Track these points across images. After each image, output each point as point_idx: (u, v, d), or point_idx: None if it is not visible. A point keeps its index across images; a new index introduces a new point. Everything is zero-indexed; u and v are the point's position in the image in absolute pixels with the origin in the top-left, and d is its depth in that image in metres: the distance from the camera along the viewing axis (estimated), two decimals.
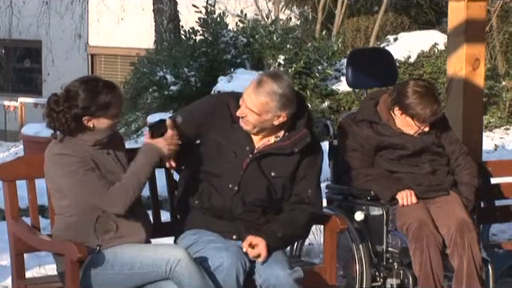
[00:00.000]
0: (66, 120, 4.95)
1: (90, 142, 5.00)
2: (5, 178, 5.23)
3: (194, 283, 4.79)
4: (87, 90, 4.99)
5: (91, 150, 5.01)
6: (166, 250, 4.93)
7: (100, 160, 5.01)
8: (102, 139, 5.02)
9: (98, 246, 4.92)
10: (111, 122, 5.03)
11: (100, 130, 5.02)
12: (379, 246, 5.73)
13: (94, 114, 4.96)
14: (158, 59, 19.08)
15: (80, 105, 4.94)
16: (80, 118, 4.95)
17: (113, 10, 26.74)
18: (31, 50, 30.14)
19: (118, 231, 4.97)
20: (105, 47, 27.66)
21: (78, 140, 5.00)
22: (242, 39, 18.35)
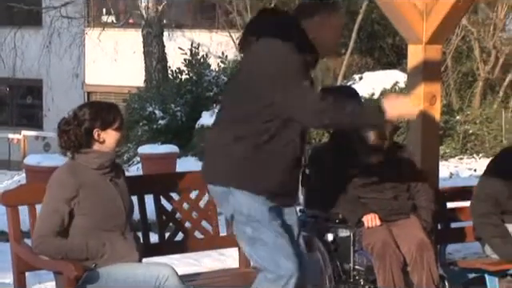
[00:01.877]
0: (76, 136, 5.01)
1: (94, 165, 5.00)
2: (8, 204, 5.21)
3: None
4: (93, 107, 5.11)
5: (95, 173, 5.00)
6: (156, 267, 4.91)
7: (101, 185, 5.00)
8: (105, 162, 5.03)
9: (94, 264, 4.90)
10: (118, 136, 5.06)
11: (105, 148, 5.03)
12: (347, 264, 5.72)
13: (102, 126, 5.00)
14: (147, 96, 19.08)
15: (88, 118, 4.99)
16: (91, 131, 4.99)
17: (107, 52, 26.72)
18: (33, 87, 30.06)
19: (112, 253, 4.93)
20: (100, 85, 27.61)
21: (83, 164, 5.01)
22: (224, 78, 18.37)
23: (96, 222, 4.95)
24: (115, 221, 5.00)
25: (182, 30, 24.88)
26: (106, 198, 4.99)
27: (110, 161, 5.06)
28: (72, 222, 4.97)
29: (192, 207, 5.85)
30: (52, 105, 28.07)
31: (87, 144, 5.03)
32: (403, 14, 6.70)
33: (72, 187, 4.94)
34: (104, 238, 4.94)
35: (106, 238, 4.94)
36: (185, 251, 5.90)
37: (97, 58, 27.86)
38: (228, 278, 5.75)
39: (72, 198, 4.93)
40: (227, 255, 6.85)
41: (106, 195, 4.99)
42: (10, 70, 28.71)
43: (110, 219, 4.98)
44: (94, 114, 5.03)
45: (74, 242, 4.93)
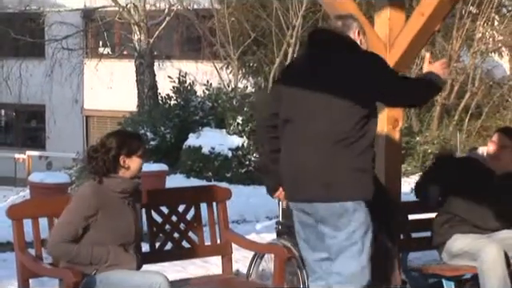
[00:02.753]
0: (103, 162, 5.04)
1: (118, 189, 5.03)
2: (14, 217, 5.20)
3: None
4: (119, 135, 5.18)
5: (116, 197, 5.03)
6: (150, 275, 4.92)
7: (120, 208, 5.04)
8: (128, 188, 5.07)
9: (94, 270, 4.92)
10: (141, 162, 5.11)
11: (130, 174, 5.07)
12: None
13: (127, 153, 5.05)
14: (139, 120, 19.05)
15: (115, 145, 5.03)
16: (117, 158, 5.03)
17: (104, 80, 26.69)
18: (37, 112, 29.98)
19: (113, 261, 4.95)
20: (97, 110, 27.56)
21: (108, 187, 5.03)
22: (208, 103, 18.37)
23: (107, 238, 4.99)
24: (124, 240, 5.04)
25: (171, 61, 24.88)
26: (122, 221, 5.03)
27: (132, 188, 5.09)
28: (86, 232, 5.00)
29: (180, 219, 5.83)
30: (54, 127, 28.01)
31: (114, 169, 5.05)
32: (369, 46, 6.72)
33: (92, 207, 4.98)
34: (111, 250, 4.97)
35: (113, 250, 4.98)
36: (173, 259, 5.90)
37: (94, 85, 27.83)
38: (212, 283, 5.74)
39: (90, 216, 4.98)
40: (211, 263, 6.83)
41: (122, 218, 5.04)
42: (16, 97, 28.66)
43: (120, 238, 5.03)
44: (120, 142, 5.07)
45: (81, 248, 4.95)
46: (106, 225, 4.98)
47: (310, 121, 4.75)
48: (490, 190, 6.17)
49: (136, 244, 5.17)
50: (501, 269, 5.85)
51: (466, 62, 20.85)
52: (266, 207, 11.54)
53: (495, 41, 21.45)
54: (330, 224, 4.74)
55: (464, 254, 6.07)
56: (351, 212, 4.69)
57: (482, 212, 6.17)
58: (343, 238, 4.73)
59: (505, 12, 21.89)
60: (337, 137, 4.65)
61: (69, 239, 4.97)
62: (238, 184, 15.06)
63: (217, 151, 16.89)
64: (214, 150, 16.87)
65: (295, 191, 4.83)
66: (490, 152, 6.30)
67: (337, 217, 4.70)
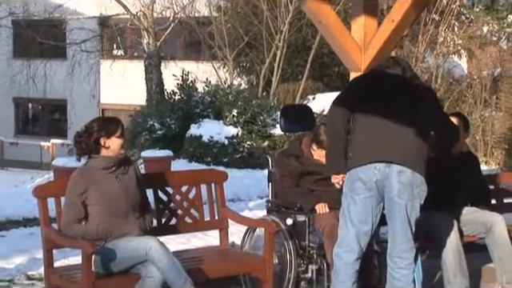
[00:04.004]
0: (86, 145, 5.08)
1: (100, 167, 5.04)
2: (39, 196, 5.20)
3: (163, 261, 4.80)
4: (99, 121, 5.21)
5: (103, 173, 5.05)
6: (144, 240, 4.95)
7: (107, 182, 5.04)
8: (109, 164, 5.07)
9: (103, 243, 4.96)
10: (120, 141, 5.10)
11: (105, 157, 5.06)
12: (303, 242, 5.71)
13: (107, 134, 5.05)
14: (148, 112, 19.02)
15: (96, 129, 5.06)
16: (98, 140, 5.05)
17: (117, 78, 26.66)
18: (59, 106, 29.95)
19: (117, 231, 4.99)
20: (111, 104, 27.54)
21: (93, 166, 5.06)
22: (208, 98, 18.34)
23: (102, 209, 5.01)
24: (117, 208, 5.04)
25: (175, 61, 24.84)
26: (109, 192, 5.04)
27: (112, 163, 5.09)
28: (88, 210, 5.02)
29: (183, 198, 5.83)
30: (74, 119, 27.90)
31: (96, 150, 5.08)
32: (346, 49, 6.70)
33: (81, 185, 5.03)
34: (111, 222, 4.99)
35: (113, 221, 5.00)
36: (177, 233, 5.89)
37: (109, 82, 27.82)
38: (210, 253, 5.74)
39: (82, 193, 5.01)
40: (210, 236, 6.82)
41: (109, 189, 5.04)
42: (42, 92, 28.66)
43: (112, 207, 5.03)
44: (100, 126, 5.12)
45: (88, 227, 5.00)
46: (97, 198, 5.02)
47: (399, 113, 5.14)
48: (448, 171, 6.17)
49: (138, 211, 5.16)
50: (455, 241, 5.86)
51: (429, 62, 20.84)
52: (257, 188, 11.54)
53: (455, 44, 21.47)
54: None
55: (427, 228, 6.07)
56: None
57: (441, 191, 6.18)
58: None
59: (463, 19, 21.90)
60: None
61: (75, 218, 5.04)
62: (233, 168, 15.04)
63: (215, 139, 16.88)
64: (212, 139, 16.86)
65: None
66: None
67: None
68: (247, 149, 17.00)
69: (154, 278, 4.78)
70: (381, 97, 5.03)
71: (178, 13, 24.18)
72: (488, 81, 18.79)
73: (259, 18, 21.50)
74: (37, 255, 6.34)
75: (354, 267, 4.95)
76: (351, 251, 4.96)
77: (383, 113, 4.97)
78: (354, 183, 4.91)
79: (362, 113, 5.02)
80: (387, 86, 5.10)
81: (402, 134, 4.96)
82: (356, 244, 4.96)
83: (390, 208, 4.96)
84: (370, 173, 4.88)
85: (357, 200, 4.92)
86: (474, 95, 18.80)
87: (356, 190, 4.91)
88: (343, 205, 5.02)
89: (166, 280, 4.80)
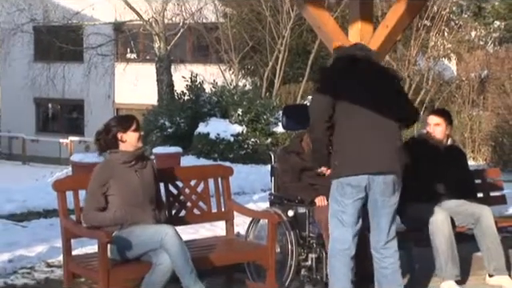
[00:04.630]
0: (105, 141, 5.13)
1: (120, 161, 5.07)
2: (58, 189, 5.20)
3: (175, 249, 4.79)
4: (115, 118, 5.27)
5: (122, 167, 5.07)
6: (160, 227, 4.96)
7: (126, 175, 5.07)
8: (127, 159, 5.10)
9: (118, 228, 4.98)
10: (136, 135, 5.12)
11: (126, 151, 5.09)
12: (304, 232, 5.70)
13: (123, 129, 5.09)
14: (159, 111, 19.03)
15: (112, 125, 5.11)
16: (116, 135, 5.08)
17: (130, 80, 26.67)
18: (77, 105, 29.98)
19: (133, 219, 5.00)
20: (125, 103, 27.56)
21: (113, 160, 5.08)
22: (215, 98, 18.34)
23: (121, 199, 5.03)
24: (135, 198, 5.06)
25: (185, 64, 24.82)
26: (128, 184, 5.05)
27: (131, 158, 5.11)
28: (108, 200, 5.05)
29: (192, 192, 5.83)
30: (91, 118, 28.00)
31: (115, 145, 5.10)
32: None
33: (103, 178, 5.05)
34: (129, 210, 5.02)
35: (131, 210, 5.02)
36: (186, 224, 5.88)
37: (123, 84, 27.83)
38: (217, 242, 5.74)
39: (103, 184, 5.02)
40: (217, 226, 6.83)
41: (128, 181, 5.06)
42: (60, 93, 28.70)
43: (131, 197, 5.05)
44: (116, 123, 5.16)
45: (106, 214, 5.02)
46: (117, 189, 5.04)
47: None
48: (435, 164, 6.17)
49: (154, 203, 5.17)
50: (447, 229, 5.86)
51: (421, 65, 20.84)
52: (261, 182, 11.54)
53: (445, 48, 21.46)
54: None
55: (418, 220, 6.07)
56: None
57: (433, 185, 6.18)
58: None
59: (453, 25, 21.89)
60: None
61: (95, 207, 5.05)
62: (238, 163, 15.04)
63: (221, 137, 16.88)
64: (219, 136, 16.86)
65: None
66: (428, 131, 6.29)
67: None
68: (251, 146, 17.01)
69: (165, 265, 4.79)
70: (359, 91, 4.87)
71: (187, 19, 24.20)
72: (476, 82, 18.78)
73: (263, 24, 21.50)
74: (56, 244, 6.35)
75: (350, 265, 4.91)
76: (347, 249, 4.91)
77: (364, 114, 4.84)
78: (345, 188, 4.85)
79: (343, 113, 4.85)
80: (361, 75, 4.95)
81: (388, 137, 4.88)
82: (351, 243, 4.91)
83: (375, 206, 4.95)
84: (360, 179, 4.84)
85: (348, 204, 4.87)
86: (463, 96, 18.80)
87: (346, 195, 4.86)
88: (333, 209, 4.95)
89: (174, 268, 4.79)
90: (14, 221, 8.61)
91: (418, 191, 6.07)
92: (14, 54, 28.40)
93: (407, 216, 6.13)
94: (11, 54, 28.40)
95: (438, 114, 6.35)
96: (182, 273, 4.79)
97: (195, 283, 4.80)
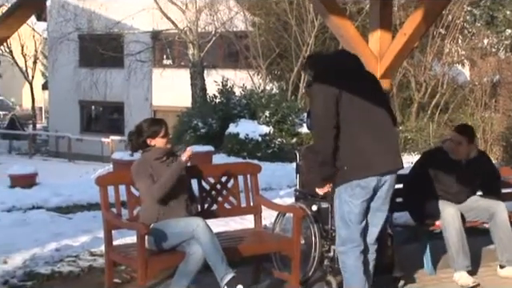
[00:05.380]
0: (137, 143, 5.16)
1: (152, 158, 5.09)
2: (101, 184, 5.22)
3: (206, 239, 4.80)
4: (146, 123, 5.24)
5: (156, 162, 5.08)
6: (192, 220, 4.96)
7: (158, 169, 5.06)
8: (159, 155, 5.11)
9: (155, 220, 4.99)
10: (164, 141, 5.14)
11: (158, 148, 5.13)
12: (326, 225, 5.65)
13: (151, 136, 5.12)
14: (193, 113, 19.09)
15: (142, 131, 5.15)
16: (145, 140, 5.12)
17: (166, 84, 26.81)
18: (117, 107, 30.17)
19: (169, 212, 5.02)
20: (162, 106, 27.68)
21: (147, 157, 5.11)
22: (244, 101, 18.36)
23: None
24: (170, 191, 5.04)
25: (216, 69, 24.88)
26: (159, 177, 5.05)
27: (162, 154, 5.16)
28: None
29: (222, 187, 5.82)
30: (130, 118, 28.10)
31: (145, 147, 5.17)
32: (364, 58, 6.65)
33: (145, 169, 5.07)
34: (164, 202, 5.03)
35: (164, 203, 5.03)
36: (218, 217, 5.88)
37: (159, 87, 27.95)
38: (246, 234, 5.73)
39: (150, 174, 5.04)
40: (246, 220, 6.81)
41: (161, 176, 5.04)
42: (103, 96, 28.94)
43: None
44: (146, 128, 5.17)
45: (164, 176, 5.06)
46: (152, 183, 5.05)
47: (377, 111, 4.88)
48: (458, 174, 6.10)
49: (185, 196, 5.17)
50: (458, 223, 5.81)
51: (436, 70, 20.68)
52: (287, 179, 11.51)
53: (459, 54, 21.29)
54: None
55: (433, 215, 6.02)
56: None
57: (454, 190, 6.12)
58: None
59: (466, 33, 21.71)
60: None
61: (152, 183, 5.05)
62: (265, 161, 15.03)
63: (250, 136, 16.89)
64: (248, 136, 16.87)
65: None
66: (451, 148, 6.20)
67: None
68: (278, 145, 17.00)
69: (197, 255, 4.79)
70: (357, 95, 4.69)
71: (218, 28, 24.24)
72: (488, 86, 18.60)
73: (288, 32, 21.47)
74: (98, 235, 6.39)
75: (361, 259, 4.80)
76: (357, 246, 4.79)
77: (370, 116, 4.68)
78: (354, 189, 4.67)
79: (346, 118, 4.64)
80: (355, 81, 4.76)
81: (390, 135, 4.77)
82: (360, 239, 4.79)
83: (377, 204, 4.80)
84: (369, 180, 4.67)
85: (356, 205, 4.70)
86: (476, 99, 18.63)
87: (356, 196, 4.68)
88: (342, 210, 4.75)
89: (206, 257, 4.80)
90: (60, 213, 8.68)
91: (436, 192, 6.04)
92: (60, 60, 28.66)
93: (421, 212, 6.08)
94: (58, 61, 28.67)
95: (461, 133, 6.17)
96: (213, 261, 4.80)
97: (226, 270, 4.79)
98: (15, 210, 9.01)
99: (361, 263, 4.79)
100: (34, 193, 10.17)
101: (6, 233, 7.12)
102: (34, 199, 9.67)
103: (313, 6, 18.16)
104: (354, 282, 4.79)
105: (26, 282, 5.65)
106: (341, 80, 4.68)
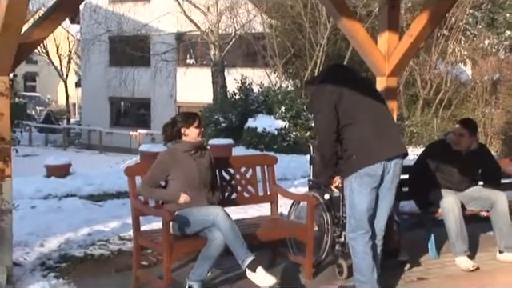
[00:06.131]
0: (171, 133, 5.16)
1: (182, 150, 5.10)
2: (129, 174, 5.23)
3: (225, 227, 4.78)
4: (181, 114, 5.26)
5: (184, 155, 5.09)
6: (212, 209, 4.93)
7: (186, 162, 5.08)
8: (188, 148, 5.11)
9: (179, 208, 5.00)
10: (197, 131, 5.14)
11: (188, 141, 5.12)
12: (338, 213, 5.64)
13: (186, 125, 5.11)
14: (214, 108, 19.12)
15: (177, 120, 5.15)
16: (179, 129, 5.12)
17: (190, 81, 26.85)
18: (144, 103, 30.25)
19: (190, 201, 5.01)
20: (185, 102, 27.70)
21: (177, 149, 5.11)
22: (261, 97, 18.36)
23: (181, 182, 5.05)
24: (192, 182, 5.06)
25: (236, 68, 24.88)
26: (187, 169, 5.06)
27: (191, 147, 5.12)
28: (169, 183, 5.09)
29: (241, 177, 5.82)
30: (156, 114, 28.25)
31: (178, 137, 5.12)
32: (373, 57, 6.64)
33: (166, 163, 5.07)
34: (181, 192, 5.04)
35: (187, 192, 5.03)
36: (237, 204, 5.88)
37: (183, 85, 27.98)
38: (264, 221, 5.73)
39: (164, 169, 5.06)
40: (263, 207, 6.82)
41: (187, 168, 5.06)
42: (131, 93, 28.99)
43: (188, 182, 5.05)
44: (181, 119, 5.17)
45: (156, 191, 5.10)
46: (177, 174, 5.04)
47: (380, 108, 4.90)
48: (459, 165, 6.07)
49: (208, 187, 5.17)
50: (457, 211, 5.80)
51: (440, 69, 20.55)
52: (301, 169, 11.51)
53: (461, 54, 21.14)
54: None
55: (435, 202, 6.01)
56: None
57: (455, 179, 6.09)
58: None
59: (468, 34, 21.54)
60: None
61: (150, 184, 5.06)
62: (281, 153, 15.04)
63: (267, 130, 16.89)
64: (265, 130, 16.88)
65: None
66: (453, 140, 6.17)
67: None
68: (293, 138, 16.99)
69: (218, 240, 4.79)
70: (355, 92, 4.73)
71: (238, 30, 24.22)
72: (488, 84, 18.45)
73: (303, 34, 21.42)
74: (127, 221, 6.42)
75: (369, 244, 4.75)
76: (366, 232, 4.73)
77: (371, 111, 4.70)
78: (363, 178, 4.64)
79: (348, 116, 4.68)
80: (351, 81, 4.82)
81: (391, 126, 4.79)
82: (368, 226, 4.74)
83: (384, 191, 4.74)
84: (376, 167, 4.63)
85: (365, 193, 4.66)
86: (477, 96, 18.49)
87: (364, 184, 4.64)
88: (352, 198, 4.71)
89: (227, 243, 4.80)
90: (92, 201, 8.72)
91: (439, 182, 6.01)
92: (92, 60, 28.78)
93: (425, 200, 6.06)
94: (90, 61, 28.79)
95: (463, 125, 6.15)
96: (234, 246, 4.79)
97: (247, 254, 4.79)
98: (51, 198, 9.07)
99: (369, 248, 4.77)
100: (68, 182, 10.23)
101: (43, 219, 7.17)
102: (68, 188, 9.73)
103: (325, 10, 18.10)
104: (363, 266, 4.78)
105: (61, 263, 5.69)
106: (338, 86, 4.72)
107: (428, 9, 6.46)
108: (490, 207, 6.03)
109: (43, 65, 43.25)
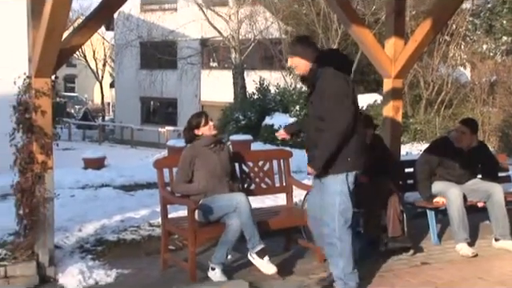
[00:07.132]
0: (188, 135, 5.16)
1: (201, 145, 5.12)
2: (158, 167, 5.26)
3: (245, 213, 4.78)
4: (193, 117, 5.24)
5: (205, 149, 5.11)
6: (235, 195, 4.95)
7: (207, 155, 5.10)
8: (207, 143, 5.12)
9: (203, 197, 5.01)
10: (207, 127, 5.14)
11: (206, 136, 5.14)
12: None
13: (197, 126, 5.14)
14: (235, 107, 19.14)
15: (190, 124, 5.17)
16: (193, 130, 5.13)
17: (213, 83, 26.87)
18: (172, 103, 30.37)
19: (212, 190, 5.03)
20: (209, 101, 27.77)
21: (197, 144, 5.14)
22: (278, 97, 18.35)
23: (204, 173, 5.06)
24: (214, 173, 5.08)
25: (255, 71, 24.86)
26: (209, 161, 5.08)
27: (210, 142, 5.15)
28: (194, 174, 5.10)
29: (259, 170, 5.82)
30: (182, 112, 28.31)
31: (195, 137, 5.18)
32: (380, 60, 6.61)
33: (190, 157, 5.09)
34: (210, 182, 5.05)
35: (211, 181, 5.05)
36: (255, 195, 5.87)
37: (207, 86, 28.02)
38: (279, 210, 5.73)
39: (190, 162, 5.07)
40: (279, 197, 6.81)
41: (209, 160, 5.08)
42: (159, 93, 29.15)
43: (211, 173, 5.08)
44: (193, 121, 5.19)
45: (192, 185, 5.09)
46: (201, 165, 5.06)
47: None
48: (461, 160, 6.03)
49: (229, 177, 5.17)
50: (459, 202, 5.77)
51: (442, 71, 20.38)
52: None
53: (461, 58, 20.95)
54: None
55: (439, 194, 5.97)
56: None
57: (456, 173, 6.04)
58: None
59: (468, 40, 21.35)
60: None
61: (183, 180, 5.08)
62: (296, 148, 14.96)
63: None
64: (281, 127, 16.78)
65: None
66: (455, 137, 6.12)
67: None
68: None
69: (235, 226, 4.79)
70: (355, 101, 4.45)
71: (256, 35, 24.22)
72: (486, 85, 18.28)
73: (316, 39, 21.31)
74: (156, 209, 6.44)
75: (353, 244, 4.49)
76: (351, 225, 4.47)
77: (358, 119, 4.41)
78: (344, 186, 4.40)
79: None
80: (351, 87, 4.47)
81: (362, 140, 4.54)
82: (351, 220, 4.47)
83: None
84: (352, 175, 4.45)
85: (345, 199, 4.42)
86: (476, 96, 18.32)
87: (345, 191, 4.41)
88: (336, 201, 4.41)
89: (243, 228, 4.79)
90: (124, 191, 8.76)
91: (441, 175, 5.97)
92: (125, 63, 28.94)
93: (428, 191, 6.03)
94: (123, 64, 28.95)
95: (466, 124, 6.09)
96: (249, 232, 4.79)
97: (259, 242, 4.81)
98: (88, 188, 9.12)
99: (353, 248, 4.48)
100: (103, 173, 10.28)
101: (80, 206, 7.22)
102: (102, 179, 9.78)
103: (337, 17, 18.02)
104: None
105: (97, 247, 5.73)
106: (350, 81, 4.43)
107: (431, 16, 6.43)
108: (487, 198, 5.98)
109: (81, 68, 43.62)
